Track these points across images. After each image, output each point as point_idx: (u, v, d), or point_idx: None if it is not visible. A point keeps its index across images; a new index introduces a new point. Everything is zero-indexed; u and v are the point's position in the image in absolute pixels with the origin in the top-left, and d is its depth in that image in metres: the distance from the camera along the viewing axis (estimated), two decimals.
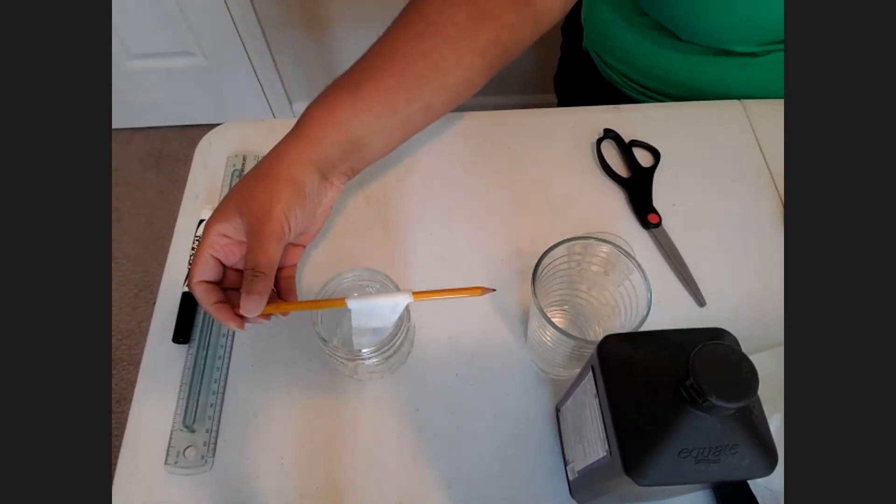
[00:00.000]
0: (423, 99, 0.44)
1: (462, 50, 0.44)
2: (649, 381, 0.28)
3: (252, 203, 0.39)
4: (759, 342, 0.41)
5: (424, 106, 0.44)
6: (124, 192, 1.51)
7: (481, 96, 0.49)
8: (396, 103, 0.43)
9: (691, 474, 0.27)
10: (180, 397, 0.44)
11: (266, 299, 0.37)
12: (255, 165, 0.41)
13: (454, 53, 0.44)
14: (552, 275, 0.41)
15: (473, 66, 0.45)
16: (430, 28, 0.43)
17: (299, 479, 0.41)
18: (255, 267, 0.37)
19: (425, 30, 0.43)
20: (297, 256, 0.45)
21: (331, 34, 1.35)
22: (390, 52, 0.43)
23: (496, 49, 0.45)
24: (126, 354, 1.28)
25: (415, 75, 0.43)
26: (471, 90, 0.47)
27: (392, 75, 0.42)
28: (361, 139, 0.42)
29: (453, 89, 0.45)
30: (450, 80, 0.44)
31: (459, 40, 0.44)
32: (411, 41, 0.43)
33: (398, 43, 0.43)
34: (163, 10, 1.29)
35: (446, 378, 0.45)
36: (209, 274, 0.39)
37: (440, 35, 0.43)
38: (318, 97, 0.43)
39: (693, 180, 0.54)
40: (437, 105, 0.45)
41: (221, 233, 0.39)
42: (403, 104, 0.43)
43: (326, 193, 0.43)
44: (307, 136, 0.41)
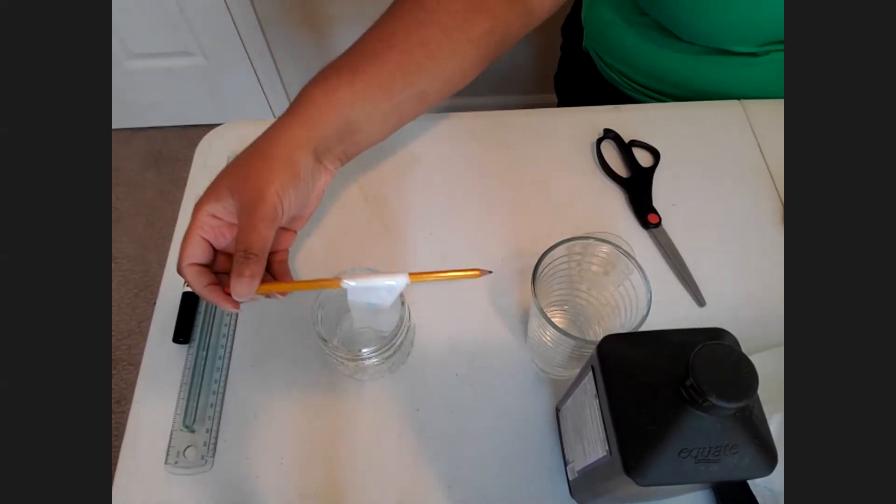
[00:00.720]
0: (418, 86, 0.44)
1: (458, 40, 0.44)
2: (649, 381, 0.28)
3: (245, 183, 0.38)
4: (759, 342, 0.41)
5: (419, 93, 0.44)
6: (124, 192, 1.51)
7: (481, 96, 0.49)
8: (393, 89, 0.43)
9: (691, 474, 0.27)
10: (180, 397, 0.44)
11: (258, 282, 0.36)
12: (250, 145, 0.40)
13: (450, 43, 0.44)
14: (552, 275, 0.41)
15: (468, 57, 0.45)
16: (429, 17, 0.43)
17: (299, 479, 0.41)
18: (247, 249, 0.36)
19: (424, 18, 0.43)
20: (290, 241, 0.44)
21: (331, 34, 1.35)
22: (389, 38, 0.43)
23: (490, 40, 0.46)
24: (126, 354, 1.28)
25: (412, 63, 0.43)
26: (464, 80, 0.47)
27: (391, 61, 0.42)
28: (357, 123, 0.42)
29: (448, 78, 0.45)
30: (445, 70, 0.45)
31: (456, 30, 0.44)
32: (410, 28, 0.43)
33: (397, 30, 0.43)
34: (163, 10, 1.29)
35: (446, 378, 0.45)
36: (199, 256, 0.38)
37: (438, 24, 0.43)
38: (317, 77, 0.42)
39: (693, 180, 0.54)
40: (430, 93, 0.45)
41: (212, 213, 0.38)
42: (399, 91, 0.43)
43: (320, 177, 0.43)
44: (304, 116, 0.40)
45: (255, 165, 0.38)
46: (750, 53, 0.55)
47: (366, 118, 0.43)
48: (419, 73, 0.43)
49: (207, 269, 0.39)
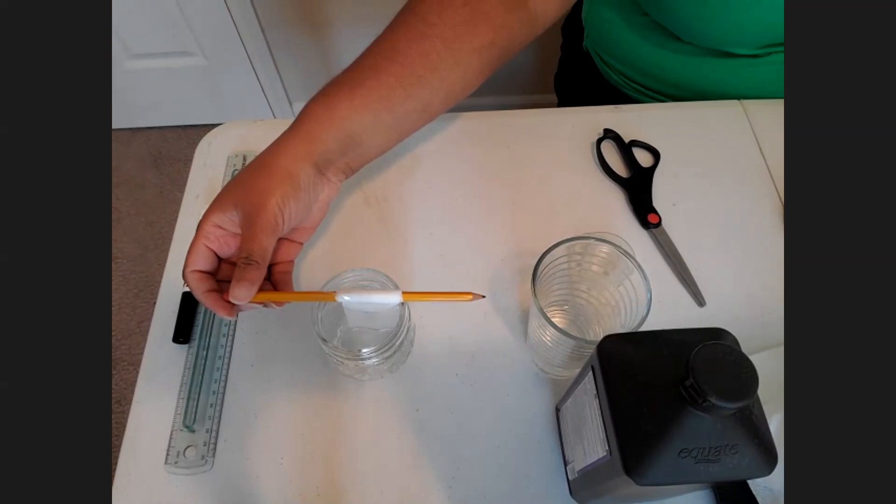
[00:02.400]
0: (420, 98, 0.44)
1: (460, 51, 0.44)
2: (649, 381, 0.28)
3: (248, 195, 0.39)
4: (759, 342, 0.41)
5: (421, 105, 0.45)
6: (124, 192, 1.51)
7: (481, 96, 0.49)
8: (394, 102, 0.43)
9: (691, 474, 0.27)
10: (180, 397, 0.44)
11: (256, 288, 0.38)
12: (254, 159, 0.42)
13: (452, 55, 0.44)
14: (552, 275, 0.41)
15: (470, 67, 0.46)
16: (430, 30, 0.44)
17: (299, 479, 0.41)
18: (248, 255, 0.37)
19: (425, 31, 0.44)
20: (294, 253, 0.45)
21: (330, 34, 1.35)
22: (390, 52, 0.44)
23: (492, 51, 0.46)
24: (126, 354, 1.28)
25: (413, 75, 0.43)
26: (466, 90, 0.47)
27: (391, 74, 0.43)
28: (358, 136, 0.43)
29: (450, 90, 0.46)
30: (447, 81, 0.45)
31: (457, 42, 0.44)
32: (411, 41, 0.44)
33: (398, 43, 0.44)
34: (163, 10, 1.29)
35: (446, 378, 0.45)
36: (203, 263, 0.40)
37: (439, 37, 0.44)
38: (318, 94, 0.43)
39: (693, 180, 0.54)
40: (433, 105, 0.46)
41: (217, 223, 0.40)
42: (400, 103, 0.43)
43: (323, 189, 0.44)
44: (305, 132, 0.42)
45: (258, 178, 0.40)
46: (751, 55, 0.55)
47: (367, 131, 0.43)
48: (420, 85, 0.44)
49: (209, 276, 0.40)
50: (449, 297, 0.39)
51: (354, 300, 0.39)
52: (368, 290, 0.39)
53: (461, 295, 0.39)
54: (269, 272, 0.42)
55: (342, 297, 0.38)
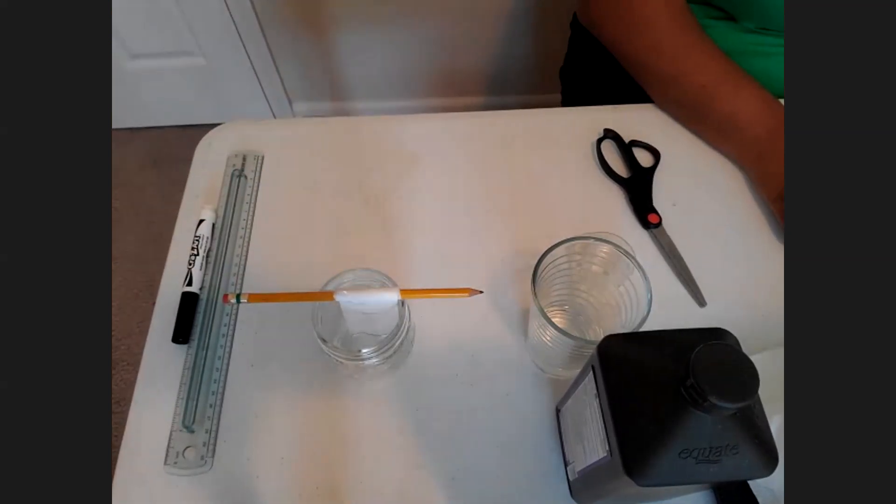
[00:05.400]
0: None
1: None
2: (649, 381, 0.28)
3: None
4: (759, 342, 0.41)
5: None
6: (124, 192, 1.51)
7: (481, 96, 0.49)
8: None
9: (692, 475, 0.26)
10: (180, 397, 0.44)
11: None
12: None
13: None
14: (552, 275, 0.41)
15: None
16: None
17: (299, 479, 0.41)
18: None
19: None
20: None
21: (331, 35, 1.35)
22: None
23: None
24: (126, 354, 1.28)
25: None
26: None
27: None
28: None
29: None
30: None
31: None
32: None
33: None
34: (163, 10, 1.28)
35: (446, 378, 0.45)
36: None
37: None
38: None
39: (693, 180, 0.54)
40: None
41: None
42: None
43: None
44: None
45: None
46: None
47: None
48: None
49: None
50: (446, 294, 0.39)
51: (353, 299, 0.38)
52: (366, 290, 0.39)
53: (458, 291, 0.39)
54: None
55: (341, 296, 0.38)
